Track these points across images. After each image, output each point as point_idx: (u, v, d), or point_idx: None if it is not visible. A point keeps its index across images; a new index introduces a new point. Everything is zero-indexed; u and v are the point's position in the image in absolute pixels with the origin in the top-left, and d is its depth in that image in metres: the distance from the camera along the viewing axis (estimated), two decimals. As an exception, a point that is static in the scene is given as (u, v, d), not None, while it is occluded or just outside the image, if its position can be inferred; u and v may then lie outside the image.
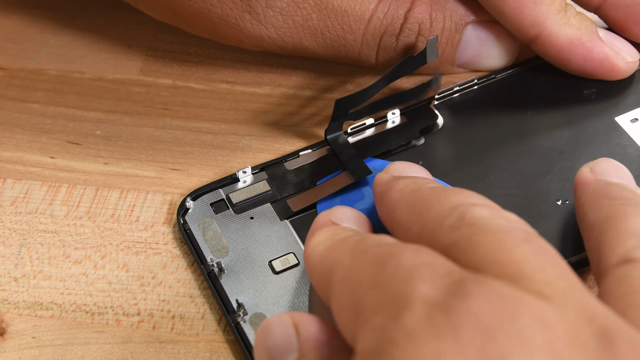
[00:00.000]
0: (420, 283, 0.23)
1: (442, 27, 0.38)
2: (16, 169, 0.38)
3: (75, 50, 0.44)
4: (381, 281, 0.24)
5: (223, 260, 0.34)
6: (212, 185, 0.36)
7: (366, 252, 0.26)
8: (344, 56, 0.39)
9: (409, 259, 0.25)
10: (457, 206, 0.27)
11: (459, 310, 0.22)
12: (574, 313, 0.23)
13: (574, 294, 0.23)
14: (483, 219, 0.26)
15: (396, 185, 0.30)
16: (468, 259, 0.25)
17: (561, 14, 0.37)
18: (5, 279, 0.35)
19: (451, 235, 0.26)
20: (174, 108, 0.41)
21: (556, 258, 0.25)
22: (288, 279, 0.33)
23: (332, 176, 0.36)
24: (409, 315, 0.22)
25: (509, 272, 0.24)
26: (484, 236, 0.25)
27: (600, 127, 0.37)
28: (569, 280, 0.24)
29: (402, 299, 0.23)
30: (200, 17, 0.37)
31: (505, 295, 0.22)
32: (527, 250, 0.24)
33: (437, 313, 0.22)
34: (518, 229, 0.26)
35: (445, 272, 0.24)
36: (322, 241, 0.29)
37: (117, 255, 0.35)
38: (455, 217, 0.26)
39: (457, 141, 0.37)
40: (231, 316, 0.32)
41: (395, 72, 0.36)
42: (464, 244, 0.25)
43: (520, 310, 0.22)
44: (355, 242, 0.27)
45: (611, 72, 0.38)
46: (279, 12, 0.36)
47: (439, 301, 0.22)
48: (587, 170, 0.31)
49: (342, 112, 0.36)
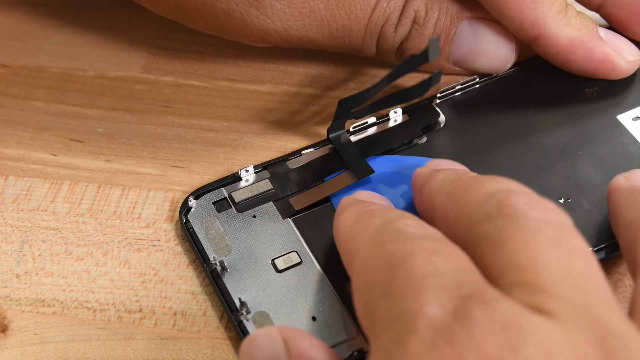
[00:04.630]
0: (427, 302, 0.23)
1: (437, 17, 0.38)
2: (18, 166, 0.38)
3: (77, 47, 0.44)
4: (392, 291, 0.24)
5: (226, 259, 0.34)
6: (214, 184, 0.36)
7: (383, 246, 0.26)
8: (347, 46, 0.39)
9: (421, 264, 0.25)
10: (495, 193, 0.27)
11: (462, 339, 0.22)
12: (582, 336, 0.22)
13: (588, 310, 0.23)
14: (519, 210, 0.26)
15: (437, 176, 0.30)
16: (494, 256, 0.25)
17: (561, 15, 0.37)
18: (8, 275, 0.35)
19: (485, 226, 0.26)
20: (176, 105, 0.41)
21: (583, 262, 0.25)
22: (291, 278, 0.33)
23: (334, 175, 0.36)
24: (414, 340, 0.23)
25: (528, 280, 0.24)
26: (514, 233, 0.25)
27: (602, 125, 0.37)
28: (587, 292, 0.24)
29: (409, 319, 0.23)
30: (204, 12, 0.37)
31: (510, 323, 0.22)
32: (552, 256, 0.24)
33: (441, 340, 0.22)
34: (551, 225, 0.25)
35: (455, 285, 0.24)
36: (349, 217, 0.29)
37: (119, 252, 0.35)
38: (492, 204, 0.26)
39: (459, 139, 0.37)
40: (234, 314, 0.32)
41: (397, 71, 0.36)
42: (495, 238, 0.25)
43: (524, 339, 0.22)
44: (377, 228, 0.27)
45: (612, 72, 0.38)
46: (286, 5, 0.36)
47: (444, 326, 0.23)
48: (622, 178, 0.32)
49: (345, 111, 0.36)
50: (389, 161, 0.37)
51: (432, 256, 0.25)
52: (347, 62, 0.42)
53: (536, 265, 0.24)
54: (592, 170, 0.35)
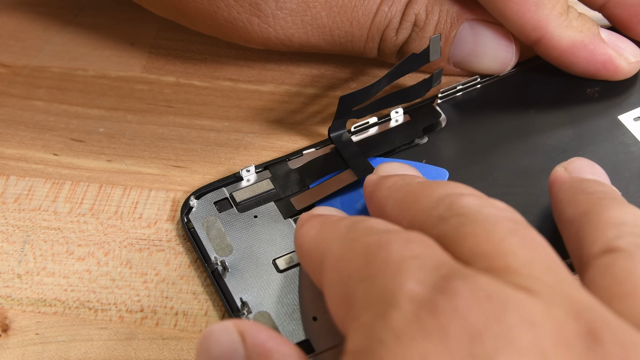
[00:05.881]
0: (407, 279, 0.23)
1: (437, 20, 0.38)
2: (19, 166, 0.38)
3: (78, 47, 0.44)
4: (370, 274, 0.24)
5: (227, 259, 0.34)
6: (215, 183, 0.36)
7: (356, 240, 0.26)
8: (349, 51, 0.39)
9: (398, 250, 0.25)
10: (444, 196, 0.27)
11: (445, 310, 0.22)
12: (561, 309, 0.23)
13: (560, 288, 0.23)
14: (471, 208, 0.26)
15: (385, 184, 0.30)
16: (456, 251, 0.25)
17: (563, 17, 0.37)
18: (9, 275, 0.35)
19: (440, 227, 0.26)
20: (177, 105, 0.41)
21: (544, 249, 0.25)
22: (292, 277, 0.33)
23: (335, 174, 0.36)
24: (396, 314, 0.22)
25: (497, 265, 0.24)
26: (472, 227, 0.25)
27: (604, 125, 0.37)
28: (556, 273, 0.24)
29: (390, 296, 0.23)
30: (206, 17, 0.37)
31: (492, 294, 0.22)
32: (514, 242, 0.24)
33: (424, 312, 0.22)
34: (507, 218, 0.26)
35: (433, 266, 0.24)
36: (312, 227, 0.29)
37: (121, 252, 0.35)
38: (444, 208, 0.26)
39: (461, 140, 0.37)
40: (235, 314, 0.32)
41: (398, 70, 0.36)
42: (453, 236, 0.25)
43: (507, 309, 0.22)
44: (346, 228, 0.27)
45: (614, 74, 0.38)
46: (288, 14, 0.36)
47: (426, 299, 0.23)
48: (562, 169, 0.32)
49: (346, 110, 0.36)
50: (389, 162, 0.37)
51: (407, 243, 0.25)
52: (349, 62, 0.42)
53: (501, 252, 0.24)
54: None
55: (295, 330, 0.31)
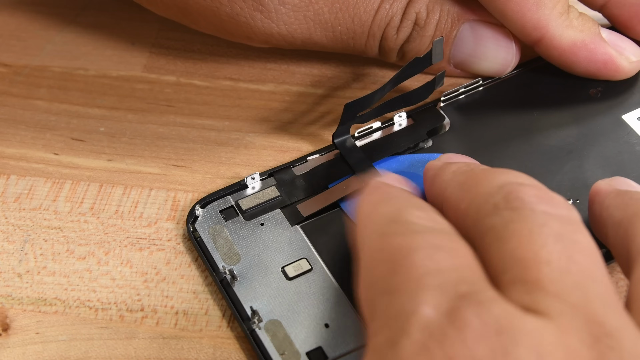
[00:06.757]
0: (423, 302, 0.23)
1: (438, 19, 0.38)
2: (20, 165, 0.38)
3: (79, 47, 0.44)
4: (391, 289, 0.24)
5: (235, 268, 0.33)
6: (220, 192, 0.36)
7: (389, 239, 0.26)
8: (350, 48, 0.39)
9: (422, 261, 0.25)
10: (504, 184, 0.27)
11: (453, 342, 0.22)
12: (576, 337, 0.22)
13: (585, 308, 0.23)
14: (526, 202, 0.26)
15: (449, 168, 0.30)
16: (498, 249, 0.25)
17: (564, 17, 0.37)
18: (9, 274, 0.34)
19: (492, 218, 0.26)
20: (177, 105, 0.41)
21: (584, 258, 0.25)
22: (302, 285, 0.33)
23: (341, 180, 0.36)
24: (406, 344, 0.23)
25: (528, 277, 0.24)
26: (519, 225, 0.25)
27: (608, 125, 0.37)
28: (586, 289, 0.24)
29: (404, 318, 0.23)
30: (208, 15, 0.37)
31: (503, 325, 0.22)
32: (554, 250, 0.24)
33: (433, 343, 0.22)
34: (557, 219, 0.25)
35: (453, 283, 0.24)
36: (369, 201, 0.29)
37: (121, 252, 0.35)
38: (501, 196, 0.27)
39: (465, 142, 0.37)
40: (246, 323, 0.32)
41: (402, 74, 0.36)
42: (500, 231, 0.25)
43: (516, 342, 0.22)
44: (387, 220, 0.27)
45: (615, 73, 0.38)
46: (290, 9, 0.36)
47: (436, 326, 0.23)
48: (605, 184, 0.32)
49: (351, 115, 0.36)
50: (393, 163, 0.37)
51: (435, 252, 0.25)
52: (349, 62, 0.42)
53: (537, 260, 0.24)
54: (600, 171, 0.35)
55: (307, 337, 0.31)
